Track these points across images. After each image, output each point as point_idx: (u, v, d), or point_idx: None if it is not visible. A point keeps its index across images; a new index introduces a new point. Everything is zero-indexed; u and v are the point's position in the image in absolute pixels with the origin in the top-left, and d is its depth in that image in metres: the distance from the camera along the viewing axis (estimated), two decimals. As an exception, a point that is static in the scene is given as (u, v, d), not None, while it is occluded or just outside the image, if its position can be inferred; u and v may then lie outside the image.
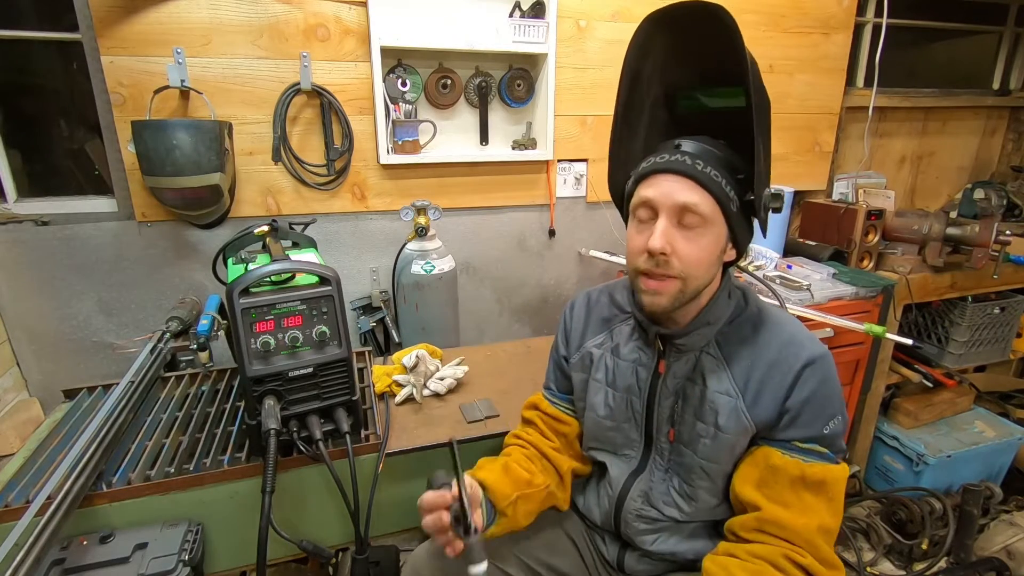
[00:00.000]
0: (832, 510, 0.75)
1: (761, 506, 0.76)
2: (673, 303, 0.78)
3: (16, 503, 0.97)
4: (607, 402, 0.92)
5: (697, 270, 0.77)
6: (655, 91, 0.86)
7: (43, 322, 1.58)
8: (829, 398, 0.77)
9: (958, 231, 1.78)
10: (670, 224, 0.76)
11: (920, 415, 2.04)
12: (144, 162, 1.39)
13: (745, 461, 0.81)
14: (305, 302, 1.05)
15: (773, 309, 0.87)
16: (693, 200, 0.74)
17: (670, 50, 0.81)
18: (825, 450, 0.76)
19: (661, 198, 0.76)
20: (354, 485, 1.03)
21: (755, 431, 0.79)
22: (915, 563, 1.80)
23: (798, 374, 0.77)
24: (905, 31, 2.34)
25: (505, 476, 0.89)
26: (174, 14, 1.46)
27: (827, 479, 0.75)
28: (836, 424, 0.77)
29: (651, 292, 0.78)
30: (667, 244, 0.75)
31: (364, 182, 1.75)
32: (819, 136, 2.21)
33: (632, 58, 0.83)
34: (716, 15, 0.72)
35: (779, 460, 0.77)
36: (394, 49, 1.65)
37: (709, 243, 0.76)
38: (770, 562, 0.72)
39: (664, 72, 0.84)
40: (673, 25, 0.79)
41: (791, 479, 0.75)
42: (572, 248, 2.06)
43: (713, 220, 0.75)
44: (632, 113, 0.87)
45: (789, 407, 0.77)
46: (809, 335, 0.82)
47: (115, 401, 1.15)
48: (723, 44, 0.72)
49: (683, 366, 0.85)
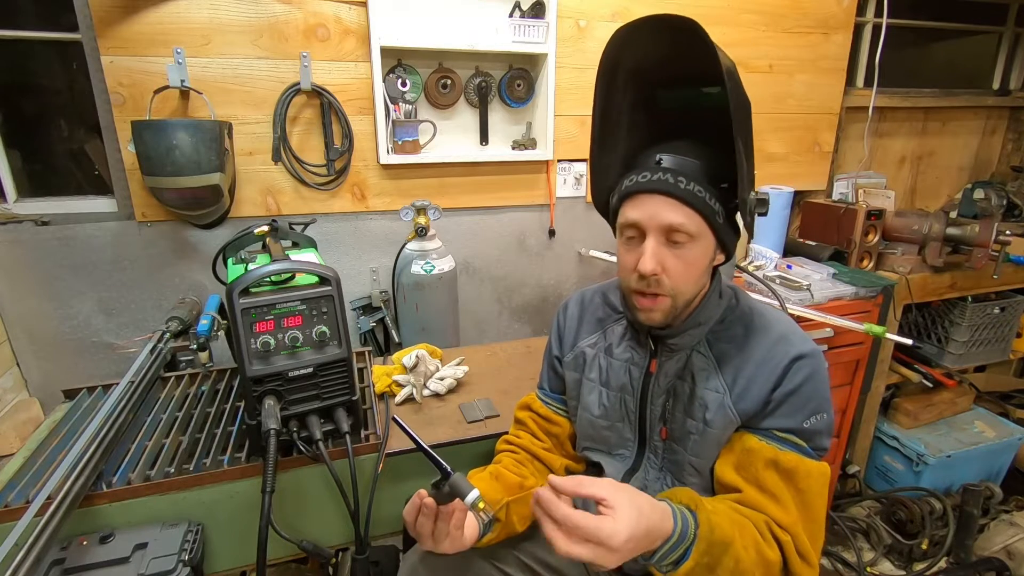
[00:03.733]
0: (801, 502, 0.75)
1: (741, 488, 0.78)
2: (667, 318, 0.80)
3: (16, 503, 0.97)
4: (601, 401, 0.93)
5: (687, 285, 0.78)
6: (631, 95, 0.86)
7: (43, 322, 1.58)
8: (814, 394, 0.78)
9: (958, 231, 1.78)
10: (658, 244, 0.76)
11: (920, 415, 2.05)
12: (144, 162, 1.39)
13: (725, 447, 0.82)
14: (305, 302, 1.05)
15: (765, 308, 0.87)
16: (679, 220, 0.75)
17: (644, 53, 0.81)
18: (803, 443, 0.77)
19: (647, 220, 0.76)
20: (354, 485, 1.03)
21: (739, 423, 0.80)
22: (915, 563, 1.80)
23: (786, 368, 0.77)
24: (905, 31, 2.34)
25: (495, 483, 0.90)
26: (174, 14, 1.46)
27: (799, 469, 0.75)
28: (818, 421, 0.78)
29: (645, 310, 0.81)
30: (657, 266, 0.76)
31: (364, 182, 1.75)
32: (819, 136, 2.21)
33: (604, 67, 0.83)
34: (686, 27, 0.72)
35: (755, 444, 0.78)
36: (394, 49, 1.65)
37: (697, 257, 0.78)
38: (753, 522, 0.73)
39: (639, 74, 0.84)
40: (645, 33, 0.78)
41: (764, 461, 0.76)
42: (572, 248, 2.06)
43: (700, 235, 0.76)
44: (608, 123, 0.87)
45: (773, 398, 0.78)
46: (801, 334, 0.82)
47: (115, 401, 1.15)
48: (696, 49, 0.72)
49: (674, 365, 0.86)
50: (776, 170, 2.17)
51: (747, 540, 0.70)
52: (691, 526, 0.67)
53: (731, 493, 0.79)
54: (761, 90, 2.05)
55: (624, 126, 0.88)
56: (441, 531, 0.75)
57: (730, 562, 0.68)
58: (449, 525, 0.75)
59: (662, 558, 0.66)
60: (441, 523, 0.75)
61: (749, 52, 2.00)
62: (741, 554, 0.68)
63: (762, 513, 0.75)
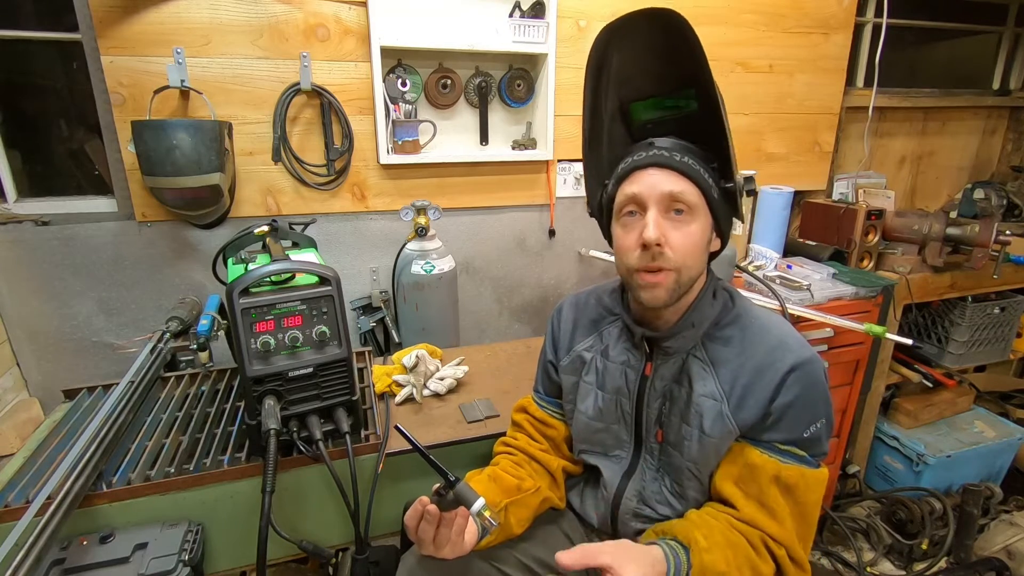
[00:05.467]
0: (799, 513, 0.77)
1: (739, 505, 0.78)
2: (671, 295, 0.79)
3: (16, 503, 0.97)
4: (597, 404, 0.93)
5: (690, 259, 0.78)
6: (611, 105, 0.87)
7: (43, 322, 1.58)
8: (813, 403, 0.78)
9: (958, 231, 1.78)
10: (659, 215, 0.77)
11: (920, 415, 2.05)
12: (144, 162, 1.39)
13: (726, 458, 0.82)
14: (305, 302, 1.05)
15: (761, 312, 0.87)
16: (679, 188, 0.76)
17: (624, 60, 0.83)
18: (804, 453, 0.78)
19: (648, 190, 0.77)
20: (354, 485, 1.03)
21: (738, 433, 0.80)
22: (915, 563, 1.80)
23: (783, 378, 0.77)
24: (905, 31, 2.34)
25: (493, 485, 0.90)
26: (174, 14, 1.46)
27: (800, 484, 0.76)
28: (818, 428, 0.78)
29: (649, 286, 0.79)
30: (661, 235, 0.76)
31: (364, 182, 1.75)
32: (819, 136, 2.21)
33: (592, 64, 0.84)
34: (668, 17, 0.74)
35: (757, 459, 0.78)
36: (394, 49, 1.65)
37: (697, 231, 0.78)
38: (747, 539, 0.75)
39: (619, 84, 0.85)
40: (627, 34, 0.80)
41: (768, 478, 0.77)
42: (572, 248, 2.06)
43: (699, 208, 0.78)
44: (596, 133, 0.89)
45: (773, 410, 0.77)
46: (798, 338, 0.81)
47: (115, 401, 1.15)
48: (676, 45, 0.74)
49: (670, 368, 0.86)
50: (776, 170, 2.17)
51: (740, 562, 0.73)
52: (684, 566, 0.71)
53: (727, 507, 0.80)
54: (761, 90, 2.05)
55: (606, 134, 0.89)
56: (443, 537, 0.75)
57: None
58: (451, 531, 0.75)
59: None
60: (443, 529, 0.75)
61: (749, 52, 1.99)
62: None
63: (758, 530, 0.76)
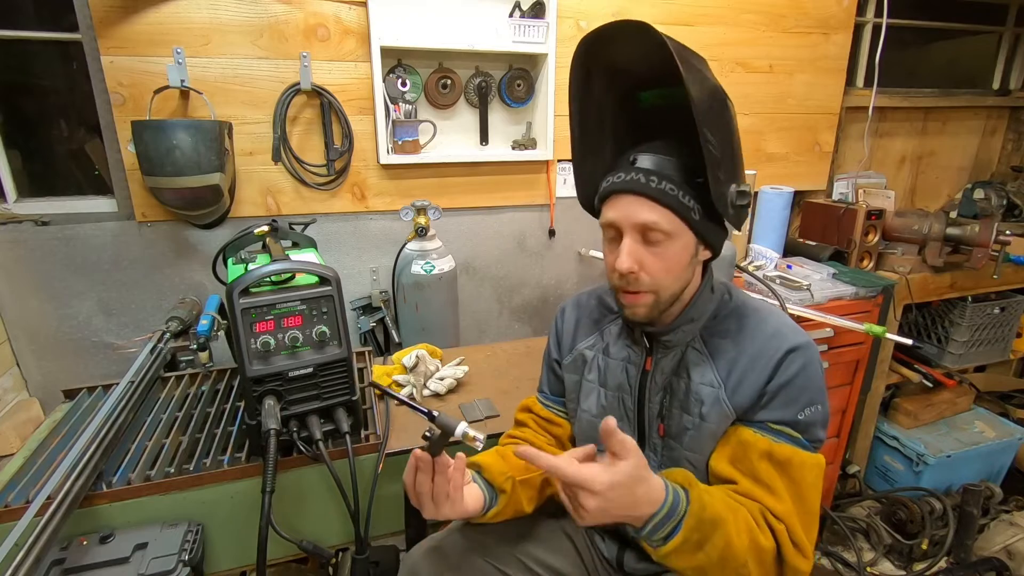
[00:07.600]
0: (796, 493, 0.76)
1: (736, 480, 0.78)
2: (651, 313, 0.81)
3: (16, 503, 0.97)
4: (600, 402, 0.94)
5: (667, 281, 0.79)
6: (610, 99, 0.87)
7: (43, 322, 1.58)
8: (808, 385, 0.78)
9: (958, 231, 1.78)
10: (635, 242, 0.78)
11: (920, 415, 2.05)
12: (144, 162, 1.39)
13: (720, 441, 0.82)
14: (305, 302, 1.05)
15: (758, 303, 0.88)
16: (652, 219, 0.76)
17: (612, 59, 0.83)
18: (798, 435, 0.77)
19: (622, 219, 0.78)
20: (354, 485, 1.03)
21: (734, 416, 0.80)
22: (915, 563, 1.80)
23: (780, 360, 0.78)
24: (905, 31, 2.34)
25: (502, 460, 0.91)
26: (174, 14, 1.46)
27: (793, 461, 0.76)
28: (812, 413, 0.78)
29: (629, 306, 0.82)
30: (634, 264, 0.78)
31: (364, 182, 1.75)
32: (819, 136, 2.21)
33: (576, 73, 0.85)
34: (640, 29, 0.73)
35: (750, 436, 0.78)
36: (394, 49, 1.65)
37: (676, 254, 0.79)
38: (748, 509, 0.74)
39: (613, 78, 0.85)
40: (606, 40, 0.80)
41: (759, 453, 0.77)
42: (572, 248, 2.06)
43: (676, 233, 0.77)
44: (587, 127, 0.89)
45: (767, 391, 0.78)
46: (794, 327, 0.82)
47: (115, 401, 1.15)
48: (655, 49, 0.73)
49: (669, 362, 0.87)
50: (776, 170, 2.17)
51: (740, 524, 0.71)
52: (682, 502, 0.69)
53: (726, 484, 0.80)
54: (761, 90, 2.05)
55: (602, 128, 0.89)
56: (440, 490, 0.76)
57: (720, 541, 0.69)
58: (448, 483, 0.76)
59: (652, 531, 0.68)
60: (439, 478, 0.76)
61: (749, 52, 1.99)
62: (732, 537, 0.69)
63: (757, 502, 0.76)
